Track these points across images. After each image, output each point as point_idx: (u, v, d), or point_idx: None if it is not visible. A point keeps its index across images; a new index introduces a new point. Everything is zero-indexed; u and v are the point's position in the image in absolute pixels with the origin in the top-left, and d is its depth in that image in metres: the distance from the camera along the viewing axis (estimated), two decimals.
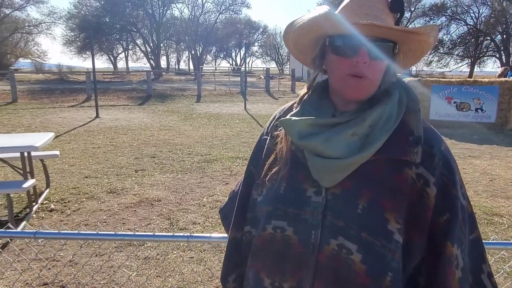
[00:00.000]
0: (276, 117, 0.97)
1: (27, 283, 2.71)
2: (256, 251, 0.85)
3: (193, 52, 47.62)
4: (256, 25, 61.69)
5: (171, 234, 1.68)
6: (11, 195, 3.66)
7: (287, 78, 30.64)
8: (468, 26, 34.25)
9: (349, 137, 0.76)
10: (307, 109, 0.85)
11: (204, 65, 50.24)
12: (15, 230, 1.87)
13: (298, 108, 0.88)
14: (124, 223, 3.77)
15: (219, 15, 47.40)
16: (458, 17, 34.58)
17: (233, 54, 63.02)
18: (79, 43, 41.08)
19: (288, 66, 49.40)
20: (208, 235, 1.67)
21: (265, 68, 27.50)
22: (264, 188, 0.88)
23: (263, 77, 27.64)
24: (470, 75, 33.09)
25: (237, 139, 8.13)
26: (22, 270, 2.80)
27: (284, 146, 0.86)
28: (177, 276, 2.83)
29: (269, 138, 0.94)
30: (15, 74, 15.87)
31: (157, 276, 2.83)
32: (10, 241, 3.23)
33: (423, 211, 0.75)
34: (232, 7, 47.55)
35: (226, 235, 1.83)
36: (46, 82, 23.84)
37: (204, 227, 3.69)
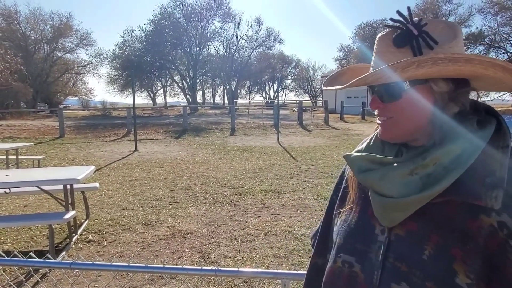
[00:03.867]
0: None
1: None
2: (325, 284, 0.85)
3: (227, 86, 49.20)
4: (289, 59, 63.09)
5: (199, 267, 1.67)
6: (53, 226, 3.84)
7: (320, 110, 30.67)
8: (508, 54, 33.12)
9: (406, 176, 0.72)
10: (375, 144, 0.85)
11: (238, 99, 51.53)
12: (52, 261, 1.95)
13: (367, 141, 0.88)
14: (157, 255, 3.81)
15: (253, 51, 49.12)
16: (497, 45, 33.62)
17: (267, 87, 64.41)
18: (122, 81, 43.87)
19: (321, 98, 49.56)
20: (236, 269, 1.65)
21: (298, 101, 27.75)
22: (339, 219, 0.89)
23: (296, 110, 27.84)
24: None
25: (269, 171, 8.13)
26: None
27: (354, 180, 0.87)
28: None
29: (349, 170, 0.93)
30: (63, 111, 17.05)
31: None
32: (48, 271, 3.35)
33: (507, 266, 0.64)
34: (266, 43, 49.21)
35: (255, 270, 1.81)
36: (91, 118, 25.35)
37: (235, 261, 3.65)
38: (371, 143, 0.86)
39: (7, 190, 4.31)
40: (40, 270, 3.41)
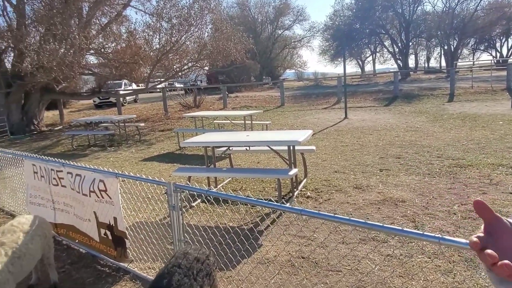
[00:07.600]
0: None
1: (289, 253, 3.33)
2: None
3: (445, 47, 42.92)
4: None
5: (421, 232, 1.67)
6: (280, 180, 4.54)
7: None
8: None
9: None
10: None
11: (459, 60, 44.23)
12: (287, 206, 2.37)
13: None
14: (368, 218, 3.95)
15: (480, 2, 40.50)
16: None
17: (498, 44, 52.35)
18: (332, 51, 45.12)
19: None
20: (463, 240, 1.57)
21: None
22: None
23: None
24: None
25: (499, 143, 6.84)
26: (286, 242, 3.47)
27: None
28: (421, 281, 2.75)
29: None
30: (283, 83, 19.19)
31: (399, 276, 2.85)
32: (283, 213, 4.03)
33: None
34: None
35: None
36: (305, 88, 27.47)
37: (454, 237, 3.38)
38: None
39: (248, 148, 5.34)
40: (272, 215, 4.15)
